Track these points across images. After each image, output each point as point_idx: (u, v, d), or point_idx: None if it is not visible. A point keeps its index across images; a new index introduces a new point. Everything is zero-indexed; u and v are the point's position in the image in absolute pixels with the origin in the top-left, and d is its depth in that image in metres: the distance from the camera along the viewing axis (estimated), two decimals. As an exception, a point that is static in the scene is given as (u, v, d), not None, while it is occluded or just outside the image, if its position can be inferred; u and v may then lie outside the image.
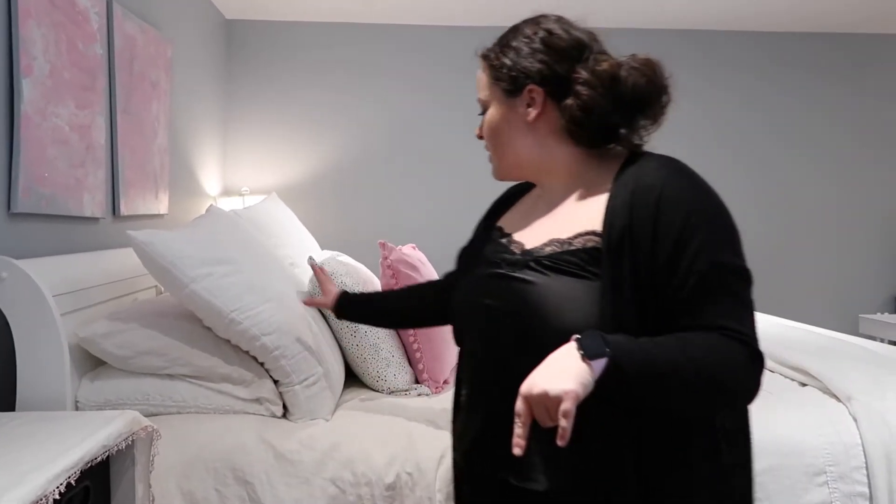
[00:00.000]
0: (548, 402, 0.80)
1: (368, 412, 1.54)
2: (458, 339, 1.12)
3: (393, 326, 1.56)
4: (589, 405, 0.82)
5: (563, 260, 0.95)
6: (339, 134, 3.80)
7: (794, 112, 4.01)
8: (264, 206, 2.55)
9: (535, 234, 1.03)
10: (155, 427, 1.25)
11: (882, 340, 3.48)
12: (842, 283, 4.04)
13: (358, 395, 1.71)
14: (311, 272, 1.82)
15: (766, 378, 1.82)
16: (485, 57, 1.09)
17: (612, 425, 0.90)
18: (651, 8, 3.61)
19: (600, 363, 0.82)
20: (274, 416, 1.50)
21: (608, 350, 0.82)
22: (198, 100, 3.20)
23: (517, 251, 1.03)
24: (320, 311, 1.78)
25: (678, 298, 0.89)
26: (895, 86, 4.05)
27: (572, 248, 0.96)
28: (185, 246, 1.48)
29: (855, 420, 1.51)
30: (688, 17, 3.78)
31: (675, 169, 0.96)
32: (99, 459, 1.09)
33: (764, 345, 2.03)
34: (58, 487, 0.95)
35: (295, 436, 1.40)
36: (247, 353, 1.50)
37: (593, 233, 0.95)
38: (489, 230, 1.15)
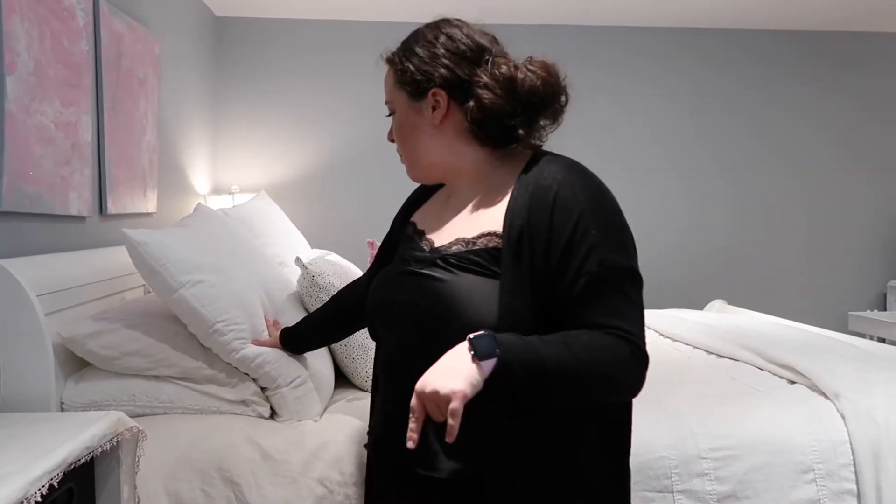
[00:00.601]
0: (438, 400, 0.85)
1: (357, 412, 1.53)
2: (373, 334, 1.17)
3: (339, 339, 1.53)
4: (482, 399, 0.88)
5: (467, 259, 1.01)
6: (329, 132, 3.79)
7: (780, 111, 4.02)
8: (253, 204, 2.54)
9: (444, 233, 1.09)
10: (140, 428, 1.23)
11: (871, 338, 3.50)
12: (831, 280, 4.06)
13: (346, 395, 1.71)
14: (299, 272, 1.81)
15: (756, 376, 1.83)
16: (389, 61, 1.13)
17: (506, 416, 0.95)
18: (634, 5, 3.61)
19: (490, 363, 0.87)
20: (261, 416, 1.49)
21: (498, 350, 0.87)
22: (187, 97, 3.18)
23: (426, 249, 1.09)
24: (307, 310, 1.77)
25: (569, 297, 0.95)
26: (880, 85, 4.07)
27: (476, 247, 1.02)
28: (179, 249, 1.45)
29: (843, 417, 1.52)
30: (670, 15, 3.79)
31: (572, 171, 1.01)
32: (83, 461, 1.08)
33: (753, 342, 2.05)
34: (39, 490, 0.94)
35: (282, 435, 1.39)
36: (228, 364, 1.48)
37: (495, 233, 1.01)
38: (404, 225, 1.20)
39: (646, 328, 0.99)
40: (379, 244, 1.88)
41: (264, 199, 2.71)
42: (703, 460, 1.43)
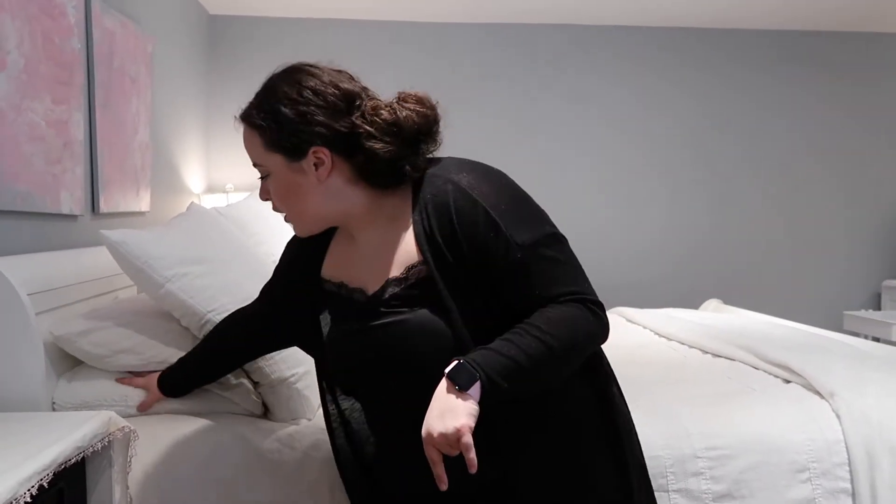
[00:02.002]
0: (448, 441, 0.90)
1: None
2: (344, 390, 1.15)
3: (223, 376, 1.43)
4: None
5: (408, 297, 1.02)
6: (325, 131, 3.77)
7: (774, 111, 4.03)
8: (247, 203, 2.52)
9: (369, 278, 1.08)
10: (132, 428, 1.22)
11: (866, 337, 3.50)
12: (825, 280, 4.07)
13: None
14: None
15: (751, 375, 1.83)
16: (251, 123, 1.07)
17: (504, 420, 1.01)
18: (653, 5, 3.61)
19: (475, 389, 0.92)
20: (253, 415, 1.48)
21: (477, 374, 0.92)
22: (180, 96, 3.16)
23: (362, 299, 1.08)
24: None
25: (508, 287, 1.00)
26: (874, 83, 4.08)
27: (410, 282, 1.03)
28: (160, 245, 1.46)
29: (837, 416, 1.52)
30: (692, 16, 3.78)
31: (457, 176, 1.03)
32: (73, 461, 1.07)
33: (748, 341, 2.04)
34: (29, 490, 0.92)
35: (275, 435, 1.38)
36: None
37: (417, 262, 1.03)
38: (311, 278, 1.16)
39: (611, 307, 1.04)
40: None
41: (258, 198, 2.70)
42: (699, 459, 1.43)
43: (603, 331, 1.03)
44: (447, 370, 0.93)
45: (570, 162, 3.94)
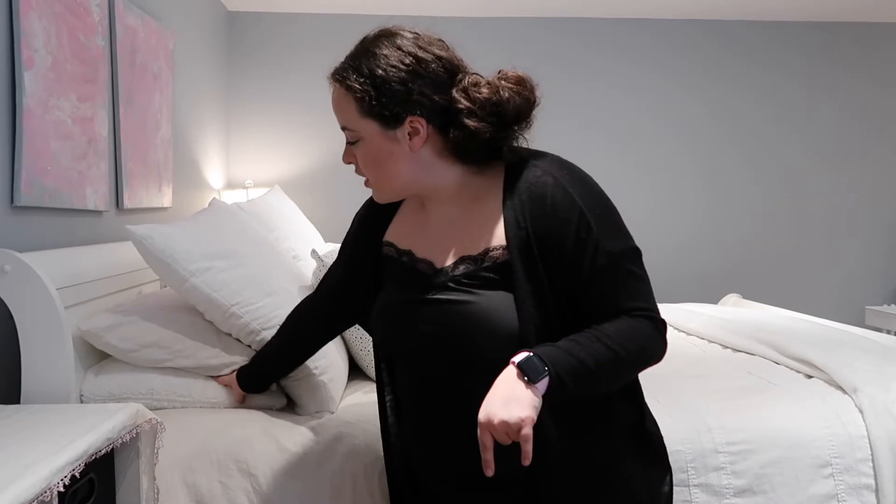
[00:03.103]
0: (508, 430, 0.90)
1: (373, 405, 1.53)
2: (387, 361, 1.16)
3: (298, 366, 1.43)
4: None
5: (479, 277, 1.02)
6: (342, 126, 3.79)
7: (800, 103, 3.98)
8: (267, 198, 2.55)
9: (440, 252, 1.07)
10: (159, 420, 1.25)
11: (888, 332, 3.46)
12: (848, 274, 4.02)
13: (361, 387, 1.71)
14: (313, 265, 1.82)
15: (772, 370, 1.82)
16: (347, 86, 1.03)
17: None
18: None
19: (543, 383, 0.92)
20: (276, 408, 1.50)
21: (547, 368, 0.92)
22: (200, 92, 3.19)
23: (429, 271, 1.06)
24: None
25: (586, 292, 1.00)
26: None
27: (485, 264, 1.02)
28: (184, 240, 1.48)
29: (861, 412, 1.51)
30: (698, 7, 3.75)
31: (558, 170, 1.03)
32: (103, 452, 1.09)
33: (769, 336, 2.03)
34: (62, 480, 0.95)
35: (299, 428, 1.40)
36: (248, 346, 1.50)
37: (500, 247, 1.02)
38: (374, 244, 1.16)
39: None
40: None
41: (278, 194, 2.72)
42: (720, 454, 1.42)
43: (662, 352, 1.04)
44: (518, 360, 0.93)
45: (599, 155, 3.92)
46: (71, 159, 1.79)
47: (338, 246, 2.37)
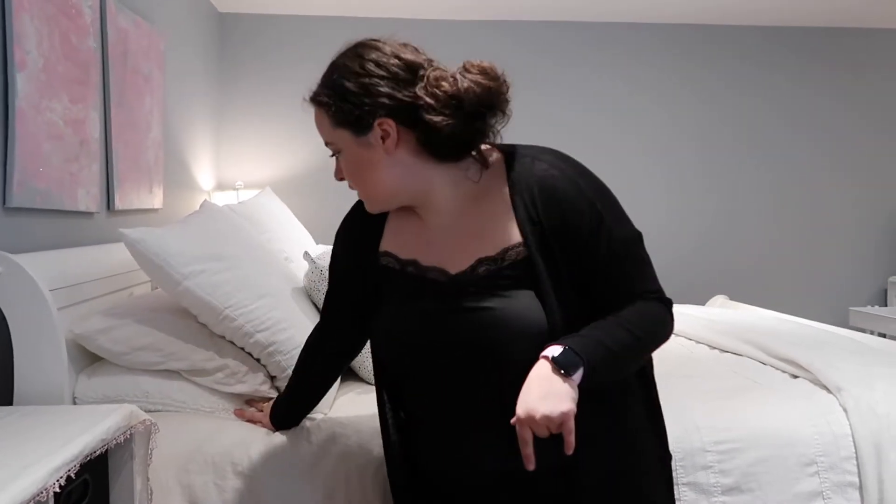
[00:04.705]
0: (549, 423, 0.92)
1: (366, 406, 1.54)
2: (394, 374, 1.14)
3: (321, 398, 1.40)
4: None
5: (503, 277, 1.02)
6: (333, 128, 3.79)
7: (777, 109, 4.03)
8: (258, 200, 2.55)
9: (451, 257, 1.05)
10: (153, 421, 1.25)
11: (872, 333, 3.51)
12: (832, 276, 4.08)
13: (354, 388, 1.72)
14: (305, 266, 1.83)
15: (759, 370, 1.84)
16: (317, 101, 1.07)
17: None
18: (661, 2, 3.62)
19: (579, 374, 0.94)
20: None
21: (581, 360, 0.94)
22: (191, 94, 3.19)
23: (442, 278, 1.05)
24: (314, 304, 1.79)
25: (603, 280, 1.03)
26: (878, 81, 4.07)
27: (505, 263, 1.03)
28: (177, 242, 1.48)
29: (845, 411, 1.53)
30: (651, 11, 3.78)
31: (562, 162, 1.06)
32: (98, 453, 1.09)
33: (755, 336, 2.06)
34: (58, 480, 0.95)
35: (293, 429, 1.41)
36: (242, 348, 1.51)
37: (518, 244, 1.03)
38: (367, 258, 1.14)
39: None
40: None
41: (269, 196, 2.72)
42: (708, 453, 1.45)
43: (671, 330, 1.10)
44: (551, 354, 0.94)
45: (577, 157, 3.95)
46: (63, 161, 1.78)
47: (329, 248, 2.38)
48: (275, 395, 1.51)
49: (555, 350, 0.95)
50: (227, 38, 3.73)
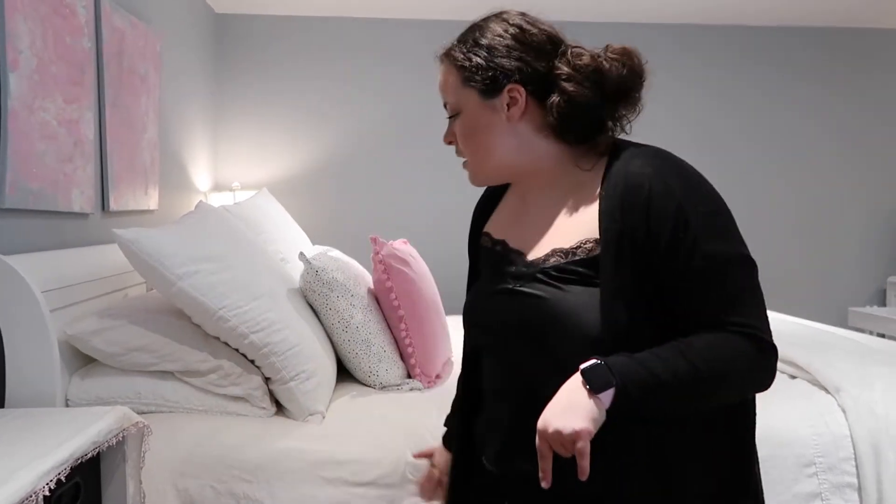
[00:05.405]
0: (562, 440, 0.83)
1: (362, 408, 1.54)
2: (475, 353, 1.13)
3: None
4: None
5: (569, 270, 0.95)
6: (330, 129, 3.79)
7: (777, 108, 4.02)
8: (255, 201, 2.54)
9: (532, 243, 1.02)
10: (146, 423, 1.24)
11: (871, 333, 3.51)
12: (830, 276, 4.07)
13: (349, 390, 1.71)
14: (301, 267, 1.82)
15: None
16: (451, 57, 1.03)
17: (621, 433, 0.91)
18: (626, 1, 3.61)
19: (608, 394, 0.85)
20: (266, 412, 1.49)
21: (614, 379, 0.85)
22: (187, 94, 3.18)
23: (519, 263, 1.02)
24: (310, 306, 1.77)
25: (680, 297, 0.90)
26: (880, 81, 4.07)
27: (576, 257, 0.95)
28: (171, 243, 1.47)
29: (843, 411, 1.53)
30: (663, 11, 3.78)
31: (661, 162, 0.95)
32: (90, 455, 1.08)
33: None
34: (48, 484, 0.94)
35: (290, 433, 1.40)
36: (237, 349, 1.50)
37: (594, 240, 0.95)
38: (477, 236, 1.14)
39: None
40: (380, 239, 1.89)
41: (265, 197, 2.71)
42: (706, 454, 1.44)
43: (766, 379, 0.92)
44: (583, 366, 0.86)
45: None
46: (57, 161, 1.77)
47: (325, 248, 2.37)
48: (267, 398, 1.50)
49: (589, 362, 0.87)
50: (224, 39, 3.72)
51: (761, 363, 0.90)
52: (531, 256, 1.01)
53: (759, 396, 1.59)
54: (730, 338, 0.89)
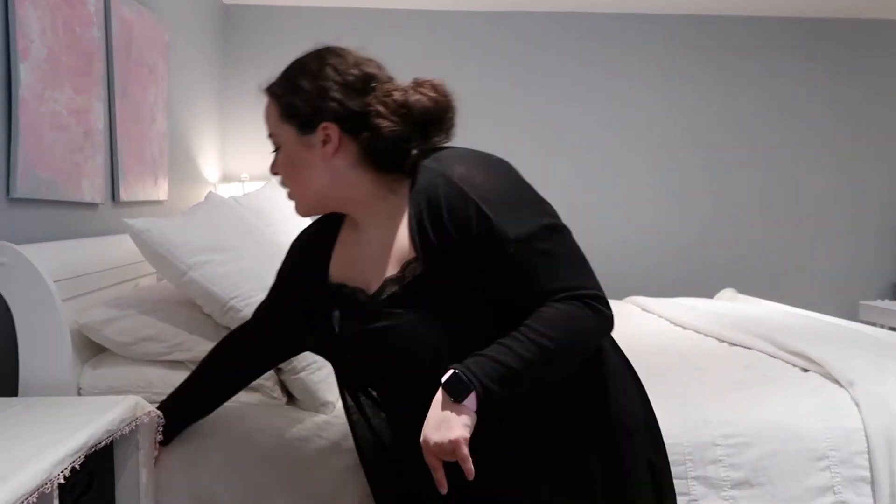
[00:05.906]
0: (443, 451, 0.93)
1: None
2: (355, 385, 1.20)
3: (222, 403, 1.35)
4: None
5: (404, 296, 1.02)
6: (338, 120, 3.78)
7: (795, 100, 3.99)
8: (264, 192, 2.54)
9: (369, 276, 1.08)
10: (158, 412, 1.24)
11: (882, 327, 3.48)
12: (842, 270, 4.04)
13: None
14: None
15: (769, 364, 1.82)
16: (271, 94, 1.09)
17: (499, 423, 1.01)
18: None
19: (471, 399, 0.93)
20: (277, 402, 1.49)
21: (473, 384, 0.93)
22: (195, 85, 3.17)
23: (363, 299, 1.08)
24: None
25: (508, 286, 0.99)
26: (892, 71, 4.03)
27: (406, 281, 1.02)
28: (182, 233, 1.47)
29: (857, 405, 1.52)
30: (691, 3, 3.75)
31: (449, 169, 1.00)
32: (103, 444, 1.09)
33: (765, 330, 2.04)
34: (62, 472, 0.94)
35: (303, 423, 1.40)
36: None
37: (413, 259, 1.02)
38: (315, 274, 1.15)
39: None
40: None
41: (274, 188, 2.70)
42: (717, 447, 1.43)
43: (603, 326, 1.00)
44: (443, 379, 0.94)
45: (574, 151, 3.93)
46: (67, 151, 1.78)
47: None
48: (277, 388, 1.50)
49: (447, 375, 0.94)
50: (232, 30, 3.71)
51: (593, 317, 0.98)
52: (371, 291, 1.07)
53: (772, 391, 1.59)
54: (559, 307, 0.96)
